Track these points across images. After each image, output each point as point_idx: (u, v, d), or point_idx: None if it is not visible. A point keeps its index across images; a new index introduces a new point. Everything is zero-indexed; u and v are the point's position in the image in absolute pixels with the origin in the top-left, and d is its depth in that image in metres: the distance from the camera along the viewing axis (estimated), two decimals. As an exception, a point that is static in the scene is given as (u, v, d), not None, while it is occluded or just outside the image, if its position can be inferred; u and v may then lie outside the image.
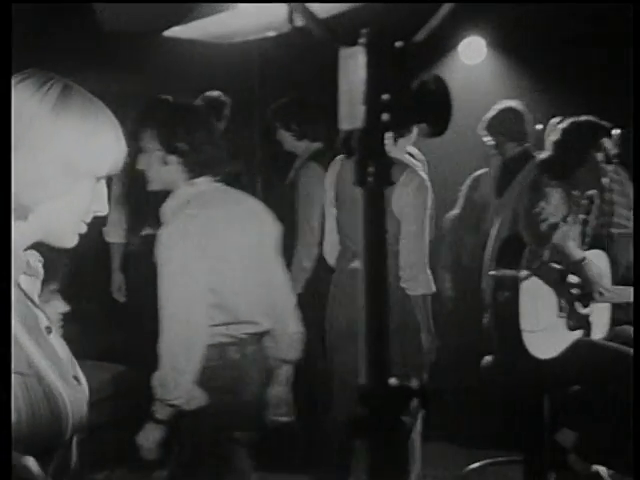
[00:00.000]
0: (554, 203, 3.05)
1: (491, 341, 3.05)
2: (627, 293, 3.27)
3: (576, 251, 3.03)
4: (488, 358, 3.20)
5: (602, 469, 3.10)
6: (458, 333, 4.16)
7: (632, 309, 3.00)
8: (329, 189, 3.21)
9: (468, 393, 4.04)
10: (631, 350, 2.97)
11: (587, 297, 3.09)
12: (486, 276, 3.15)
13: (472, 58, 6.34)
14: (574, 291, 3.09)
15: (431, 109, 0.79)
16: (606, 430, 3.00)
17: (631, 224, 3.43)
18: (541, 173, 3.26)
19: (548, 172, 3.24)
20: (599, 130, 3.26)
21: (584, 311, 3.13)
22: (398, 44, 0.81)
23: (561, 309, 3.07)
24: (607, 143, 3.24)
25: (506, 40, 6.19)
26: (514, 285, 2.89)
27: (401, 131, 2.22)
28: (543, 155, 3.35)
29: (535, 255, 2.97)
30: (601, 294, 3.06)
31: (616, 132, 3.32)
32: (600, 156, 3.22)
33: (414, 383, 0.92)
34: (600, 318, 3.23)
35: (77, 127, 1.29)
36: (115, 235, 3.94)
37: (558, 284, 3.05)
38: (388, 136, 0.78)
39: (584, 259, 3.01)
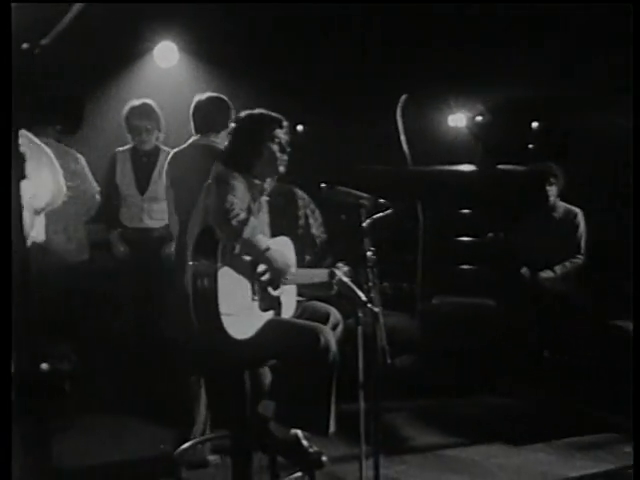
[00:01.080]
0: (240, 196, 3.21)
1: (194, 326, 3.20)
2: (310, 274, 3.61)
3: (261, 242, 3.21)
4: (195, 340, 3.39)
5: (299, 432, 3.41)
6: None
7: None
8: None
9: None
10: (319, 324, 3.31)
11: (275, 281, 3.34)
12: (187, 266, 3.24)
13: (166, 61, 6.59)
14: (264, 278, 3.31)
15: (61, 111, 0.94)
16: (299, 397, 3.33)
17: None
18: (225, 165, 3.40)
19: (230, 164, 3.39)
20: (271, 122, 3.47)
21: (274, 293, 3.39)
22: (25, 46, 0.93)
23: (254, 293, 3.29)
24: (280, 134, 3.45)
25: (197, 45, 6.54)
26: (211, 274, 3.05)
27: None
28: (224, 147, 3.54)
29: (227, 248, 3.12)
30: (287, 278, 3.35)
31: (285, 124, 3.49)
32: (275, 147, 3.45)
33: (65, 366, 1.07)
34: (289, 298, 3.53)
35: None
36: None
37: (249, 272, 3.25)
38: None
39: (268, 249, 3.21)
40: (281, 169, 3.49)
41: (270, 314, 3.38)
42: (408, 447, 4.49)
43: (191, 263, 3.14)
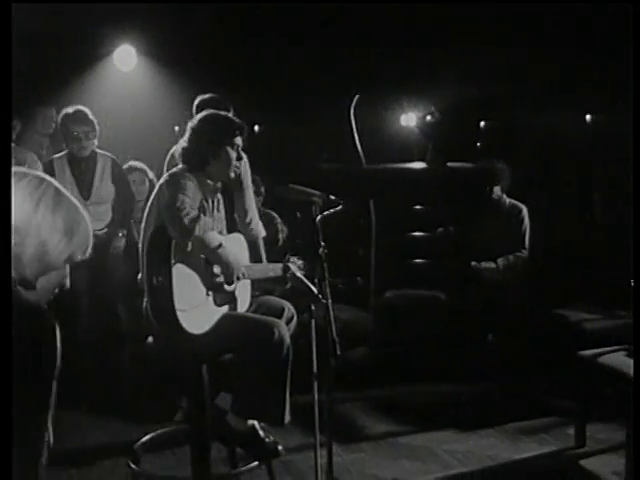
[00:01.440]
0: (191, 195, 3.28)
1: (150, 323, 3.33)
2: (265, 268, 3.73)
3: (213, 239, 3.30)
4: (150, 339, 3.53)
5: (255, 423, 3.55)
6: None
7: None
8: None
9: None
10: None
11: (228, 277, 3.43)
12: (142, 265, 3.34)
13: (126, 65, 6.68)
14: (217, 273, 3.41)
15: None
16: (255, 389, 3.46)
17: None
18: (181, 163, 3.49)
19: (185, 162, 3.48)
20: (235, 128, 3.53)
21: (229, 289, 3.49)
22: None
23: (209, 289, 3.41)
24: (239, 140, 3.53)
25: (156, 48, 6.65)
26: (165, 272, 3.15)
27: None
28: (181, 145, 3.55)
29: (180, 246, 3.21)
30: (242, 274, 3.46)
31: (246, 131, 3.58)
32: (233, 153, 3.51)
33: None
34: (244, 293, 3.63)
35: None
36: None
37: (203, 269, 3.36)
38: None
39: (220, 245, 3.30)
40: (232, 175, 3.58)
41: (225, 309, 3.48)
42: (363, 436, 4.66)
43: (145, 261, 3.23)
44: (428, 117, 7.89)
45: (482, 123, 7.65)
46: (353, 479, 4.01)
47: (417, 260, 6.16)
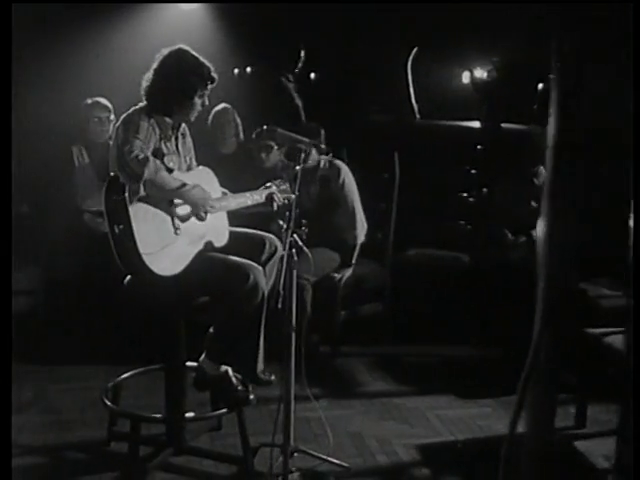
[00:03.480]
0: (143, 137, 3.19)
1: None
2: (242, 199, 3.61)
3: (171, 181, 3.20)
4: (128, 279, 3.49)
5: (228, 369, 3.51)
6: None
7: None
8: None
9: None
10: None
11: (194, 214, 3.33)
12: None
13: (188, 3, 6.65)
14: (180, 212, 3.30)
15: None
16: (228, 334, 3.42)
17: None
18: (145, 100, 3.37)
19: (147, 100, 3.36)
20: (206, 78, 3.42)
21: (199, 224, 3.39)
22: None
23: (176, 227, 3.28)
24: (208, 90, 3.43)
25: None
26: (125, 218, 3.07)
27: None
28: (145, 81, 3.42)
29: (132, 190, 3.11)
30: (211, 207, 3.36)
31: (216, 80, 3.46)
32: (199, 101, 3.41)
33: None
34: (219, 227, 3.53)
35: None
36: None
37: (166, 208, 3.25)
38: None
39: (183, 185, 3.21)
40: (192, 119, 3.49)
41: (200, 246, 3.39)
42: (359, 392, 4.59)
43: (105, 209, 3.14)
44: (485, 75, 7.62)
45: (540, 85, 7.33)
46: (334, 436, 3.94)
47: (445, 221, 5.99)
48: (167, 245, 3.21)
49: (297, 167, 3.26)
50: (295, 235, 3.31)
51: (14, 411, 3.98)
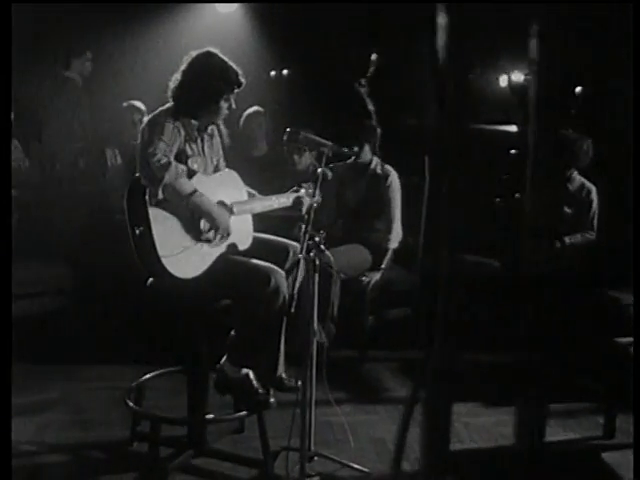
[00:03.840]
0: (167, 139, 3.18)
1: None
2: (268, 203, 3.60)
3: (185, 186, 3.16)
4: (150, 280, 3.50)
5: (249, 372, 3.50)
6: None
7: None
8: None
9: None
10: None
11: (211, 223, 3.29)
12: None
13: (225, 6, 6.69)
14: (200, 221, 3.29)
15: None
16: (248, 338, 3.42)
17: None
18: (172, 101, 3.39)
19: (173, 101, 3.38)
20: (234, 83, 3.43)
21: (215, 239, 3.35)
22: None
23: (200, 232, 3.28)
24: (234, 95, 3.45)
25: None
26: (144, 220, 3.09)
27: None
28: (173, 82, 3.45)
29: (152, 193, 3.12)
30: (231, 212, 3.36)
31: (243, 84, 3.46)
32: (225, 104, 3.43)
33: None
34: (244, 230, 3.52)
35: None
36: None
37: (183, 214, 3.23)
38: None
39: (195, 192, 3.16)
40: (219, 121, 3.53)
41: (222, 248, 3.39)
42: (384, 398, 4.56)
43: (126, 210, 3.18)
44: (522, 78, 7.55)
45: (578, 89, 7.23)
46: (356, 440, 3.91)
47: (477, 226, 5.91)
48: (188, 248, 3.22)
49: (318, 170, 3.24)
50: (317, 238, 3.30)
51: (40, 410, 4.05)
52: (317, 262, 3.32)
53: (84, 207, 5.39)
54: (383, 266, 5.03)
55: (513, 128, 7.27)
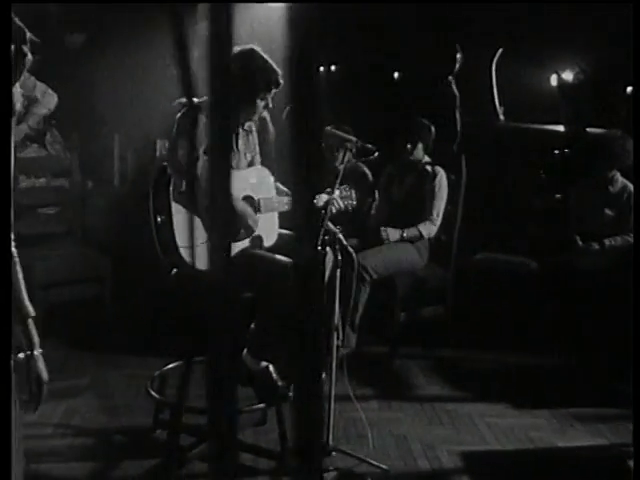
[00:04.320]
0: (198, 132, 3.21)
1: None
2: (283, 201, 3.60)
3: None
4: (174, 270, 3.53)
5: (270, 365, 3.52)
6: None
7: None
8: None
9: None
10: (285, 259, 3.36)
11: (234, 225, 3.29)
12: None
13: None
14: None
15: None
16: (268, 331, 3.43)
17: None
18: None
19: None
20: (274, 84, 3.41)
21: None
22: None
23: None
24: (271, 95, 3.43)
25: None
26: (166, 209, 3.13)
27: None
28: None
29: (176, 185, 3.16)
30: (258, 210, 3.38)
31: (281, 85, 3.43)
32: (261, 104, 3.43)
33: None
34: (269, 228, 3.54)
35: None
36: None
37: (203, 209, 3.28)
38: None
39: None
40: (256, 118, 3.52)
41: (245, 243, 3.42)
42: (411, 395, 4.54)
43: (151, 198, 3.21)
44: (571, 77, 7.42)
45: (629, 89, 7.06)
46: (379, 438, 3.91)
47: (514, 225, 5.85)
48: (207, 240, 3.22)
49: (340, 166, 3.23)
50: (341, 235, 3.31)
51: (70, 395, 4.13)
52: (339, 258, 3.33)
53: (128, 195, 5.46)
54: (405, 235, 4.96)
55: (560, 128, 7.15)
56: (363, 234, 4.93)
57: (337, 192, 3.70)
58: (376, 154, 4.58)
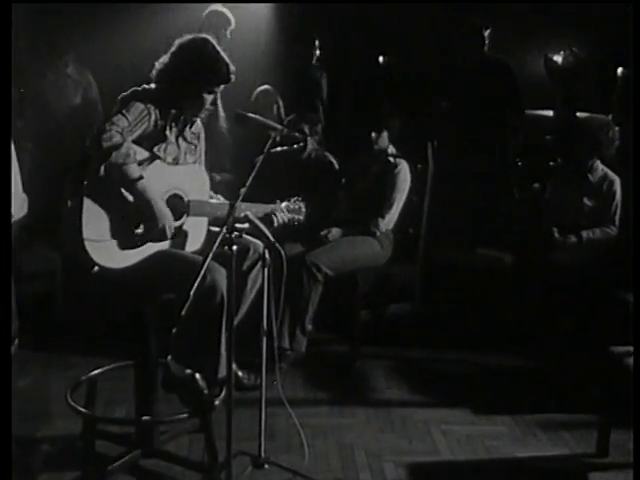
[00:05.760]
0: (132, 119, 3.00)
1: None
2: (216, 206, 3.35)
3: (132, 170, 2.96)
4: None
5: (195, 372, 3.26)
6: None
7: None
8: None
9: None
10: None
11: (149, 217, 3.07)
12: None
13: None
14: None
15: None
16: (188, 337, 3.18)
17: None
18: (155, 83, 3.25)
19: (156, 83, 3.23)
20: (224, 77, 3.26)
21: (176, 223, 3.17)
22: None
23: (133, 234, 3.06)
24: (219, 88, 3.28)
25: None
26: (78, 194, 2.89)
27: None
28: (160, 63, 3.29)
29: (92, 169, 2.93)
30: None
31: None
32: (208, 97, 3.26)
33: None
34: (197, 229, 3.31)
35: None
36: None
37: (116, 201, 3.02)
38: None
39: (140, 178, 2.97)
40: (201, 115, 3.35)
41: (165, 245, 3.17)
42: (367, 400, 4.27)
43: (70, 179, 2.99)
44: (560, 59, 7.09)
45: (619, 70, 6.72)
46: (324, 446, 3.66)
47: (486, 217, 5.56)
48: (118, 237, 2.99)
49: (259, 157, 2.96)
50: (267, 232, 3.08)
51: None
52: (267, 257, 3.08)
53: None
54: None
55: (549, 113, 6.85)
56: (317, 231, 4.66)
57: (285, 204, 3.52)
58: (302, 143, 4.33)
